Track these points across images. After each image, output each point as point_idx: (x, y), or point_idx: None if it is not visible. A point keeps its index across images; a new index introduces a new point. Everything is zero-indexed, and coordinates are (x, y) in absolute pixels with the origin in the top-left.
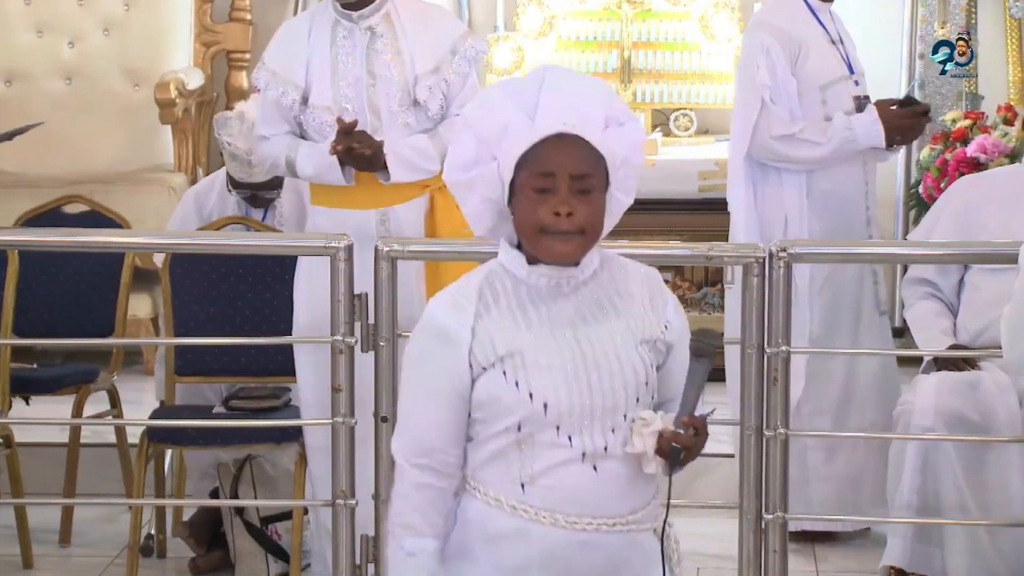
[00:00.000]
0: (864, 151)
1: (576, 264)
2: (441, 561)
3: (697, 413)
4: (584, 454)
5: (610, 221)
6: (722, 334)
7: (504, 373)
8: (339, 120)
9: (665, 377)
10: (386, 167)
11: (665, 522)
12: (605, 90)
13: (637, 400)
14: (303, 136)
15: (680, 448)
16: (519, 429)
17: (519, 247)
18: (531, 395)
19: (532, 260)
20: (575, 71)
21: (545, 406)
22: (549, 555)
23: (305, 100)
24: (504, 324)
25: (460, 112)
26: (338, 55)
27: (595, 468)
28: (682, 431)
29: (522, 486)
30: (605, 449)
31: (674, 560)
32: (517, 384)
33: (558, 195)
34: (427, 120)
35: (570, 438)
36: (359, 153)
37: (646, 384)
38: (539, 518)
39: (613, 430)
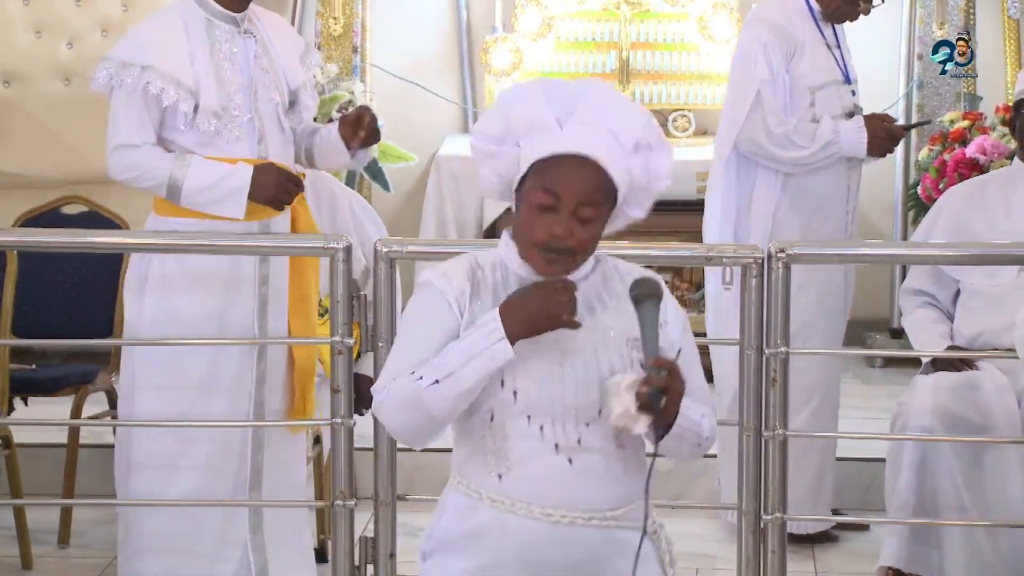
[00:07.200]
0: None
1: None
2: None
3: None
4: (557, 445)
5: (612, 228)
6: (661, 281)
7: None
8: (361, 109)
9: None
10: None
11: (646, 519)
12: (645, 115)
13: None
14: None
15: (657, 390)
16: (492, 419)
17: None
18: (502, 382)
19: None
20: (621, 94)
21: (515, 394)
22: (527, 548)
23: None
24: (488, 309)
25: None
26: (221, 59)
27: (570, 461)
28: (652, 374)
29: (499, 477)
30: (579, 442)
31: (667, 561)
32: None
33: (559, 216)
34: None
35: (541, 428)
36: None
37: None
38: (515, 509)
39: (588, 424)
